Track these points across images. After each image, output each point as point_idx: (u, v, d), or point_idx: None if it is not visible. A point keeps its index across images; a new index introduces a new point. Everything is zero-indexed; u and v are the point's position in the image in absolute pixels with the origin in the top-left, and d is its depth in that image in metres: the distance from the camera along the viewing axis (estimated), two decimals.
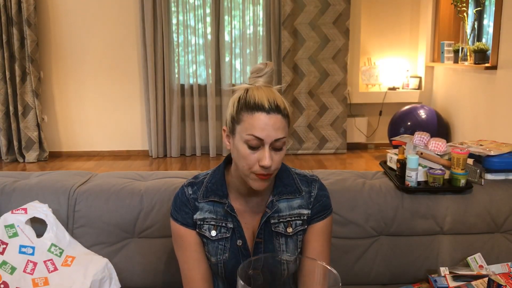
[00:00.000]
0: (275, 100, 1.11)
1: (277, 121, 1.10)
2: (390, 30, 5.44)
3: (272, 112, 1.10)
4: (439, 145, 1.59)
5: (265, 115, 1.10)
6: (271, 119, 1.10)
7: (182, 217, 1.24)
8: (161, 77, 5.18)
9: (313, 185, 1.28)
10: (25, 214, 1.47)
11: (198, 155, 5.43)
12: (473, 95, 4.32)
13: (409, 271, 1.57)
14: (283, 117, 1.12)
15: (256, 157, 1.12)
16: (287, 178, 1.26)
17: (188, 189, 1.26)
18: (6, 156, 5.23)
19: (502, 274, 1.35)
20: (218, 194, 1.23)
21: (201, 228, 1.23)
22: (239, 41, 5.26)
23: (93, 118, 5.41)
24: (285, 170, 1.28)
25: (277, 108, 1.11)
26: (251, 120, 1.10)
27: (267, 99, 1.10)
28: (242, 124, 1.12)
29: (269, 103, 1.10)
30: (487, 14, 4.42)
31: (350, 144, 5.54)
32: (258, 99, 1.10)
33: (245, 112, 1.11)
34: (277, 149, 1.13)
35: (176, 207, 1.25)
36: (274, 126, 1.10)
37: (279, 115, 1.11)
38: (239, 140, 1.13)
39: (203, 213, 1.23)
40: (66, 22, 5.21)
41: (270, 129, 1.10)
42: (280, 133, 1.11)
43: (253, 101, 1.11)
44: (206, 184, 1.25)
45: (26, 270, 1.40)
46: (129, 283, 1.56)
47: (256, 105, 1.10)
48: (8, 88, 5.06)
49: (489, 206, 1.56)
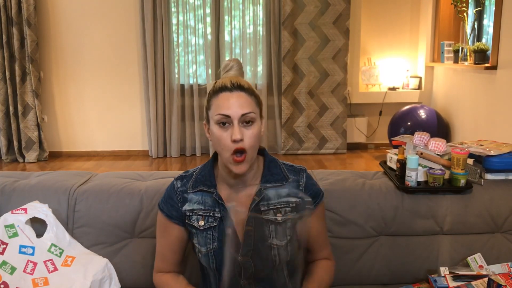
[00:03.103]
0: (237, 81, 1.20)
1: (241, 98, 1.19)
2: (390, 30, 5.44)
3: (235, 90, 1.19)
4: (439, 145, 1.59)
5: (229, 93, 1.19)
6: (234, 96, 1.18)
7: (168, 209, 1.32)
8: (161, 77, 5.18)
9: (301, 175, 1.33)
10: (25, 214, 1.47)
11: (198, 155, 5.43)
12: (473, 95, 4.32)
13: (409, 271, 1.57)
14: (248, 94, 1.20)
15: (228, 134, 1.18)
16: (274, 168, 1.32)
17: (178, 182, 1.33)
18: (6, 156, 5.23)
19: (502, 274, 1.35)
20: (206, 184, 1.29)
21: (190, 219, 1.29)
22: (239, 41, 5.26)
23: (93, 118, 5.41)
24: (272, 160, 1.34)
25: (240, 86, 1.20)
26: (217, 101, 1.19)
27: (229, 81, 1.20)
28: (212, 108, 1.21)
29: (231, 83, 1.19)
30: (487, 14, 4.42)
31: (350, 144, 5.54)
32: (222, 82, 1.21)
33: (212, 98, 1.21)
34: (247, 124, 1.19)
35: (164, 199, 1.34)
36: (238, 102, 1.18)
37: (242, 92, 1.19)
38: (212, 124, 1.21)
39: (191, 204, 1.29)
40: (66, 22, 5.21)
41: (234, 105, 1.17)
42: (246, 108, 1.18)
43: (218, 85, 1.21)
44: (196, 176, 1.32)
45: (26, 270, 1.40)
46: (129, 283, 1.56)
47: (220, 87, 1.20)
48: (8, 88, 5.07)
49: (489, 206, 1.56)
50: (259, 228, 1.25)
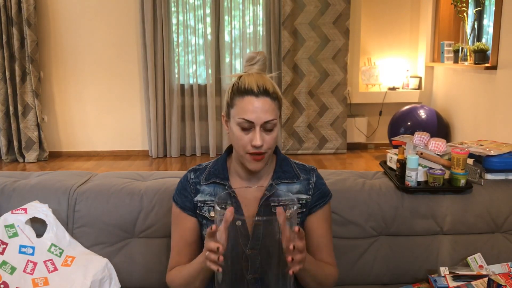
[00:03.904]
0: (264, 84, 1.20)
1: (266, 104, 1.20)
2: (390, 30, 5.44)
3: (261, 95, 1.20)
4: (439, 145, 1.59)
5: (255, 98, 1.19)
6: (259, 102, 1.19)
7: (182, 200, 1.33)
8: (161, 77, 5.18)
9: (311, 174, 1.36)
10: (25, 214, 1.47)
11: (198, 155, 5.43)
12: (473, 95, 4.32)
13: (409, 271, 1.57)
14: (272, 99, 1.21)
15: (249, 137, 1.21)
16: (286, 166, 1.35)
17: (191, 174, 1.36)
18: (6, 156, 5.23)
19: (502, 274, 1.35)
20: (219, 176, 1.32)
21: (201, 209, 1.31)
22: (239, 41, 5.26)
23: (93, 118, 5.41)
24: (284, 159, 1.37)
25: (266, 91, 1.20)
26: (242, 104, 1.20)
27: (256, 84, 1.20)
28: (235, 108, 1.22)
29: (257, 87, 1.19)
30: (487, 14, 4.42)
31: (350, 144, 5.54)
32: (248, 84, 1.20)
33: (237, 97, 1.22)
34: (268, 130, 1.22)
35: (177, 191, 1.35)
36: (263, 109, 1.19)
37: (267, 97, 1.20)
38: (233, 123, 1.23)
39: (204, 195, 1.32)
40: (66, 22, 5.21)
41: (259, 112, 1.19)
42: (270, 115, 1.20)
43: (244, 86, 1.21)
44: (209, 169, 1.35)
45: (26, 270, 1.40)
46: (129, 283, 1.56)
47: (246, 90, 1.20)
48: (8, 88, 5.07)
49: (489, 206, 1.56)
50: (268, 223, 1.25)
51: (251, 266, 1.24)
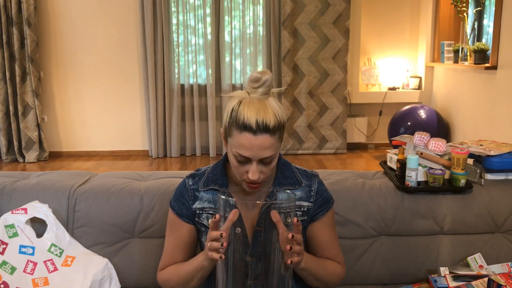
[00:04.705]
0: (264, 119, 1.11)
1: (265, 141, 1.12)
2: (390, 30, 5.44)
3: (259, 133, 1.11)
4: (439, 145, 1.59)
5: (252, 136, 1.12)
6: (258, 140, 1.12)
7: (179, 206, 1.31)
8: (161, 77, 5.18)
9: (313, 180, 1.33)
10: (25, 214, 1.47)
11: (198, 155, 5.43)
12: (473, 95, 4.32)
13: (409, 271, 1.57)
14: (272, 135, 1.13)
15: (245, 169, 1.17)
16: (287, 171, 1.31)
17: (189, 180, 1.33)
18: (6, 156, 5.23)
19: (502, 274, 1.35)
20: (218, 183, 1.29)
21: (200, 217, 1.29)
22: (239, 41, 5.26)
23: (93, 118, 5.41)
24: (286, 164, 1.33)
25: (265, 128, 1.11)
26: (238, 139, 1.13)
27: (255, 120, 1.11)
28: (233, 138, 1.15)
29: (257, 124, 1.11)
30: (487, 14, 4.42)
31: (350, 144, 5.54)
32: (247, 119, 1.11)
33: (234, 128, 1.14)
34: (266, 163, 1.17)
35: (175, 197, 1.33)
36: (261, 147, 1.12)
37: (266, 134, 1.12)
38: (230, 151, 1.19)
39: (202, 202, 1.30)
40: (66, 22, 5.21)
41: (256, 149, 1.12)
42: (268, 152, 1.14)
43: (242, 120, 1.12)
44: (208, 174, 1.32)
45: (26, 270, 1.40)
46: (129, 283, 1.56)
47: (245, 125, 1.12)
48: (8, 88, 5.07)
49: (489, 206, 1.56)
50: (269, 230, 1.25)
51: (251, 273, 1.24)
